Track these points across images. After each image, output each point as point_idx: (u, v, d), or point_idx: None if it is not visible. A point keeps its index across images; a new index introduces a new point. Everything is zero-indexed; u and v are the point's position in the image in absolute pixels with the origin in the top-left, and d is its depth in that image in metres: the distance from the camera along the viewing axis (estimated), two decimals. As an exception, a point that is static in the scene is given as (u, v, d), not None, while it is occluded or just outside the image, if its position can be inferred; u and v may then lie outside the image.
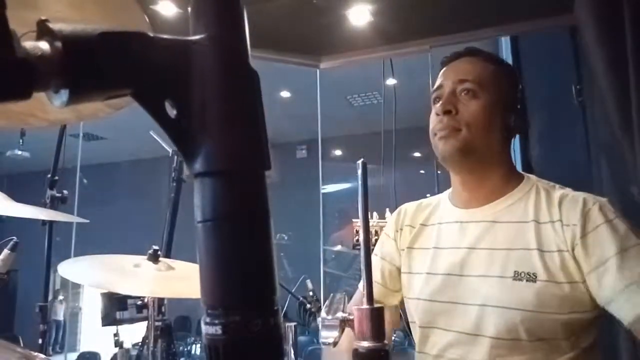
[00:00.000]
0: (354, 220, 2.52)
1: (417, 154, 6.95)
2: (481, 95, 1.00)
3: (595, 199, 0.93)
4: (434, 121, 1.04)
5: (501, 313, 0.92)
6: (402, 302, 1.15)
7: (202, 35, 0.32)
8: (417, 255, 1.11)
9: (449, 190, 1.15)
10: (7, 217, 1.31)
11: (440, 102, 1.03)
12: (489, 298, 0.94)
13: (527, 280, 0.91)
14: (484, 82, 1.01)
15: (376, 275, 1.15)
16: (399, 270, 1.14)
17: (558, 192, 0.98)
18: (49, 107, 0.30)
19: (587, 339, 0.93)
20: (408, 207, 1.18)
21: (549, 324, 0.90)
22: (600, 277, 0.87)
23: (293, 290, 2.74)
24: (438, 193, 1.20)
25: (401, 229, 1.16)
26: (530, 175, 1.06)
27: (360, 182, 0.66)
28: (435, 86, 1.08)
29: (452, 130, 1.00)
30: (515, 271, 0.93)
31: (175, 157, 1.99)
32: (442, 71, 1.09)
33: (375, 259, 1.17)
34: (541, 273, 0.91)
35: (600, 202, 0.93)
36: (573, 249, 0.90)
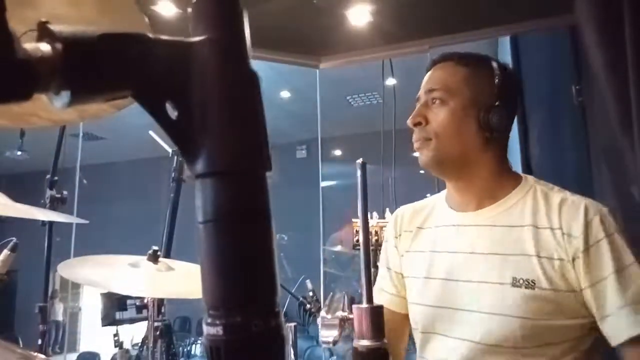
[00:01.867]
0: (353, 220, 2.52)
1: (417, 154, 6.92)
2: (450, 102, 1.00)
3: (596, 208, 0.92)
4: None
5: (500, 320, 0.91)
6: None
7: (202, 36, 0.32)
8: (414, 258, 1.10)
9: (445, 191, 1.14)
10: (7, 217, 1.31)
11: (412, 114, 1.04)
12: (488, 305, 0.93)
13: (526, 287, 0.91)
14: (453, 87, 1.00)
15: (389, 287, 1.14)
16: (403, 276, 1.14)
17: (557, 195, 0.97)
18: (52, 107, 0.30)
19: (587, 342, 0.93)
20: (404, 212, 1.17)
21: (549, 331, 0.89)
22: (595, 295, 0.88)
23: (293, 290, 2.74)
24: (437, 193, 1.20)
25: (400, 235, 1.15)
26: (529, 177, 1.05)
27: (359, 182, 0.66)
28: (416, 98, 1.08)
29: (424, 141, 1.01)
30: (513, 277, 0.92)
31: (175, 157, 1.99)
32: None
33: (383, 271, 1.17)
34: (540, 280, 0.90)
35: (601, 212, 0.92)
36: (574, 261, 0.90)
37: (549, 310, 0.89)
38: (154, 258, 1.43)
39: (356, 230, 2.55)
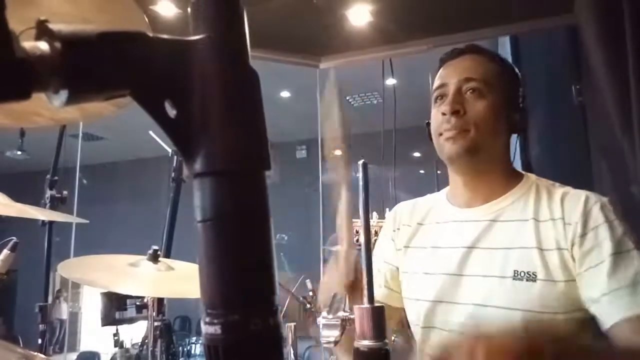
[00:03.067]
0: (353, 220, 2.51)
1: (416, 154, 6.95)
2: (488, 95, 0.98)
3: (596, 197, 0.93)
4: (439, 120, 1.01)
5: (501, 313, 0.92)
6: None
7: (202, 36, 0.32)
8: (414, 254, 1.10)
9: (446, 190, 1.14)
10: (7, 217, 1.31)
11: (447, 101, 1.00)
12: (489, 298, 0.94)
13: (527, 280, 0.91)
14: (490, 81, 0.99)
15: (379, 279, 1.14)
16: (398, 270, 1.14)
17: (560, 190, 0.98)
18: (54, 106, 0.30)
19: (587, 336, 0.93)
20: (404, 207, 1.18)
21: (549, 324, 0.89)
22: (591, 277, 0.87)
23: (293, 290, 2.74)
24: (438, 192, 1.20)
25: (398, 229, 1.15)
26: (530, 174, 1.05)
27: (361, 183, 0.66)
28: (436, 84, 1.05)
29: (461, 131, 0.98)
30: (515, 270, 0.92)
31: (175, 157, 1.99)
32: (442, 68, 1.05)
33: (375, 262, 1.17)
34: (541, 272, 0.90)
35: (602, 201, 0.92)
36: (572, 247, 0.90)
37: (550, 302, 0.89)
38: (154, 258, 1.43)
39: (356, 230, 2.55)
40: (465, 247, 1.01)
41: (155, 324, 1.63)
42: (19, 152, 7.09)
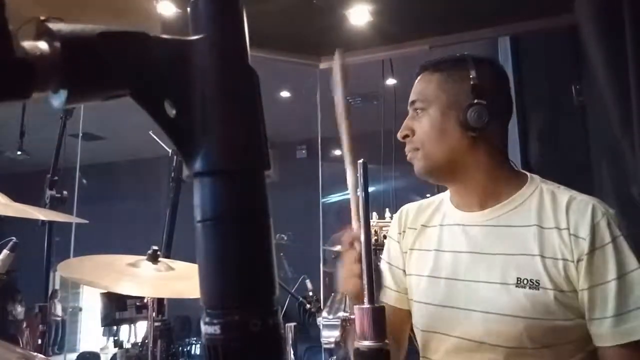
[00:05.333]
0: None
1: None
2: (429, 109, 1.01)
3: (603, 210, 0.92)
4: None
5: (504, 320, 0.91)
6: None
7: (201, 35, 0.32)
8: (418, 256, 1.10)
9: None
10: (7, 217, 1.31)
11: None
12: (491, 305, 0.93)
13: (529, 288, 0.90)
14: (428, 96, 1.02)
15: (390, 283, 1.14)
16: (405, 273, 1.13)
17: (564, 195, 0.96)
18: None
19: (593, 343, 0.92)
20: (409, 209, 1.17)
21: (553, 331, 0.89)
22: (593, 297, 0.88)
23: (293, 290, 2.74)
24: (438, 193, 1.19)
25: (404, 232, 1.14)
26: (535, 176, 1.04)
27: (361, 183, 0.66)
28: None
29: (414, 152, 1.04)
30: (517, 277, 0.92)
31: (175, 157, 1.99)
32: None
33: (384, 266, 1.17)
34: (544, 280, 0.90)
35: (609, 214, 0.92)
36: (578, 262, 0.90)
37: (553, 310, 0.89)
38: (154, 258, 1.43)
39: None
40: (468, 252, 1.00)
41: (155, 324, 1.63)
42: (19, 152, 7.08)
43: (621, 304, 0.86)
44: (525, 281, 0.91)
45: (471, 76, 0.99)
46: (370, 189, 0.68)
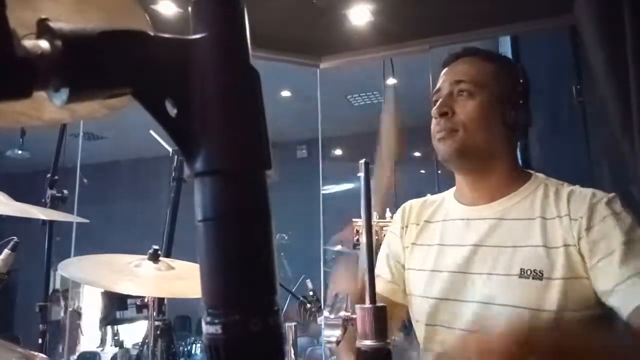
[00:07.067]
0: (353, 220, 2.51)
1: (417, 154, 6.94)
2: (478, 95, 1.01)
3: (603, 194, 0.94)
4: (433, 123, 1.05)
5: (508, 312, 0.92)
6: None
7: (202, 34, 0.32)
8: (420, 251, 1.11)
9: (454, 188, 1.14)
10: (7, 216, 1.31)
11: (437, 104, 1.04)
12: (495, 296, 0.94)
13: (533, 278, 0.91)
14: (481, 81, 1.02)
15: (385, 273, 1.15)
16: (404, 267, 1.14)
17: (567, 188, 0.98)
18: (43, 106, 0.30)
19: (594, 334, 0.92)
20: (413, 204, 1.18)
21: (557, 322, 0.89)
22: (604, 268, 0.86)
23: (293, 290, 2.74)
24: (438, 192, 1.20)
25: (407, 227, 1.15)
26: (538, 174, 1.06)
27: (362, 182, 0.66)
28: (435, 89, 1.09)
29: (449, 132, 1.01)
30: (521, 269, 0.92)
31: (176, 156, 1.99)
32: (441, 73, 1.09)
33: (383, 257, 1.18)
34: (547, 270, 0.90)
35: (609, 196, 0.93)
36: (579, 241, 0.90)
37: (557, 301, 0.89)
38: (155, 257, 1.43)
39: (356, 230, 2.55)
40: (472, 245, 1.01)
41: (156, 323, 1.63)
42: (20, 152, 7.08)
43: (633, 266, 0.83)
44: (528, 272, 0.92)
45: (521, 78, 1.04)
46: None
